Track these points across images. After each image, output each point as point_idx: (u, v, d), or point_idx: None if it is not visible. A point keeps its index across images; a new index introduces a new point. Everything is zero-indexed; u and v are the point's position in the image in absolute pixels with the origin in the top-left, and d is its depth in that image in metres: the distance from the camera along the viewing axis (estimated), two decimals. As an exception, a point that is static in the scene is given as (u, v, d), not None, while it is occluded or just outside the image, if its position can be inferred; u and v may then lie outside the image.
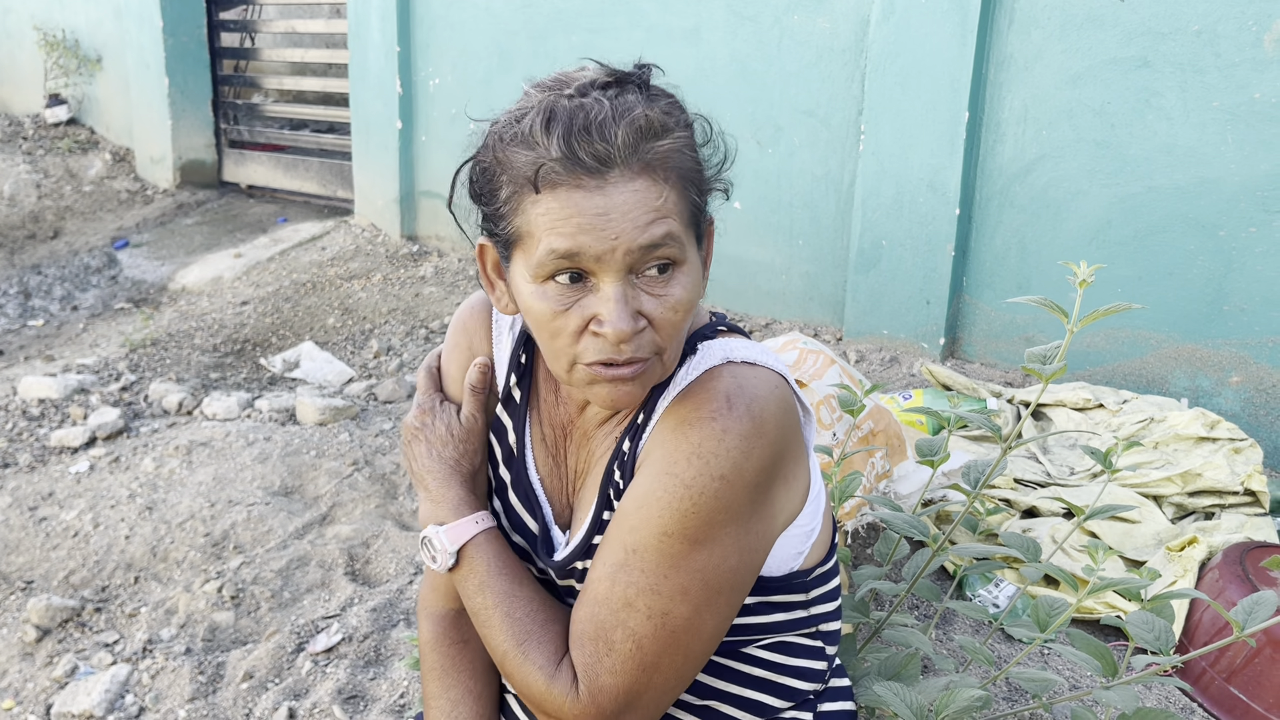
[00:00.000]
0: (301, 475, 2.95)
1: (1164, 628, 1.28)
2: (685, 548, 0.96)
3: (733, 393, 0.97)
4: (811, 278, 3.75)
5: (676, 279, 0.96)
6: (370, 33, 5.09)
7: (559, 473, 1.15)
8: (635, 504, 0.98)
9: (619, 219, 0.92)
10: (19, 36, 7.58)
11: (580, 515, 1.11)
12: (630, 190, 0.92)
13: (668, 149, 0.94)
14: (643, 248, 0.93)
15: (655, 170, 0.93)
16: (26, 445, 3.32)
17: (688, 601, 0.97)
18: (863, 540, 2.22)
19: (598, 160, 0.91)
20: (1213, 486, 2.40)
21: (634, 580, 0.97)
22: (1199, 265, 2.92)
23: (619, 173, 0.92)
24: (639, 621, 0.97)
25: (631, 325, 0.94)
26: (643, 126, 0.92)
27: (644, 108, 0.94)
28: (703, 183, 1.00)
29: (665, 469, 0.96)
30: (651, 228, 0.93)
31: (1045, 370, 1.29)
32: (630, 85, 0.96)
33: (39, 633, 2.47)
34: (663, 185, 0.94)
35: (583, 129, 0.91)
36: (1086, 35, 3.02)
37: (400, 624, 2.30)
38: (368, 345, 4.23)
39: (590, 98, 0.93)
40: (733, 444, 0.95)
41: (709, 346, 1.04)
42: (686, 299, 0.97)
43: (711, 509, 0.96)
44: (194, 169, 6.56)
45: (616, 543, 0.99)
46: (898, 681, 1.33)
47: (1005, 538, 1.49)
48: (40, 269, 5.68)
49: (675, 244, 0.95)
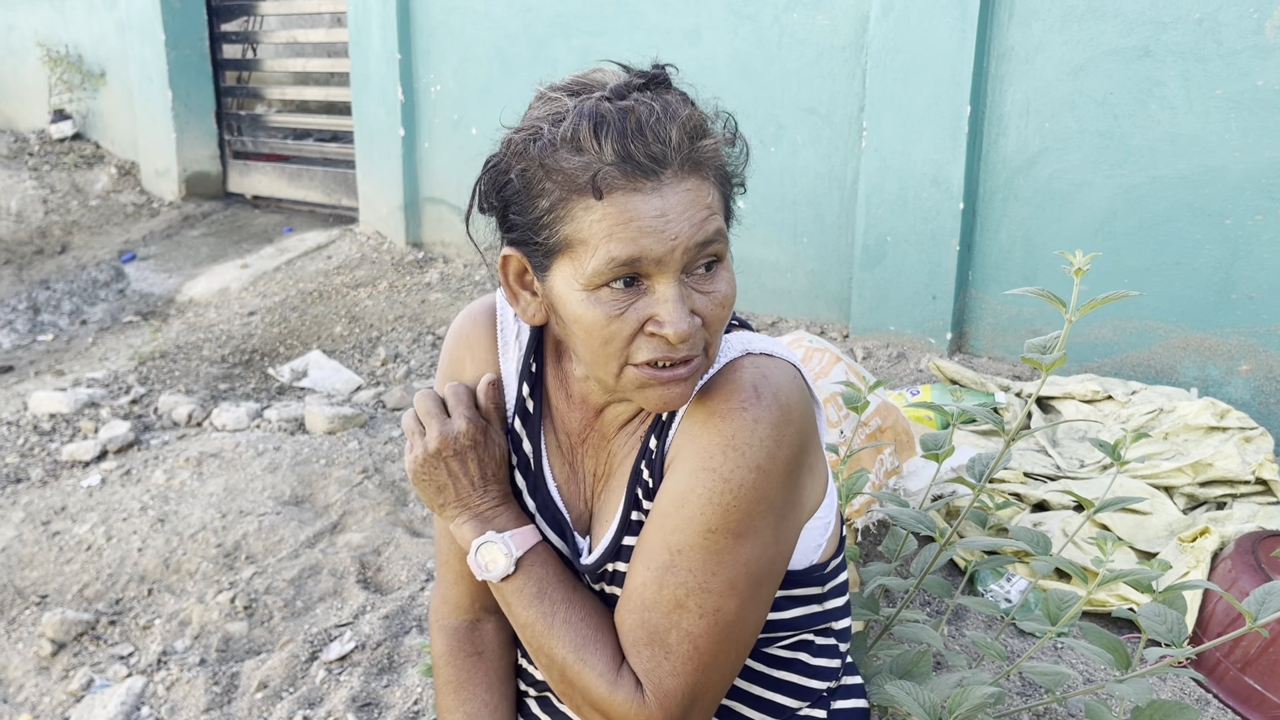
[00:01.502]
0: (312, 484, 2.95)
1: (1176, 619, 1.28)
2: (730, 542, 0.97)
3: (758, 382, 0.98)
4: (817, 275, 3.75)
5: (721, 275, 0.98)
6: (371, 41, 5.11)
7: (575, 478, 1.15)
8: (675, 503, 0.98)
9: (676, 219, 0.92)
10: (23, 53, 7.62)
11: (604, 517, 1.11)
12: (684, 190, 0.93)
13: (713, 147, 0.96)
14: (698, 245, 0.94)
15: (703, 168, 0.95)
16: (38, 460, 3.33)
17: (736, 595, 0.98)
18: (873, 537, 2.22)
19: (654, 161, 0.91)
20: (1224, 476, 2.39)
21: (683, 580, 0.97)
22: (1205, 254, 2.91)
23: (672, 173, 0.92)
24: (692, 621, 0.98)
25: (690, 324, 0.94)
26: (693, 126, 0.94)
27: (687, 107, 0.95)
28: (735, 177, 1.01)
29: (701, 464, 0.96)
30: (705, 225, 0.94)
31: (1045, 360, 1.29)
32: (663, 85, 0.97)
33: (54, 646, 2.48)
34: (709, 183, 0.95)
35: (637, 132, 0.91)
36: (1087, 26, 3.01)
37: (413, 630, 2.30)
38: (375, 353, 4.24)
39: (632, 100, 0.93)
40: (765, 433, 0.96)
41: (726, 340, 1.04)
42: (731, 294, 0.99)
43: (751, 500, 0.96)
44: (199, 181, 6.58)
45: (659, 545, 0.98)
46: (909, 679, 1.33)
47: (1015, 532, 1.49)
48: (49, 284, 5.71)
49: (722, 240, 0.97)
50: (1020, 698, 1.86)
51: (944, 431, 1.57)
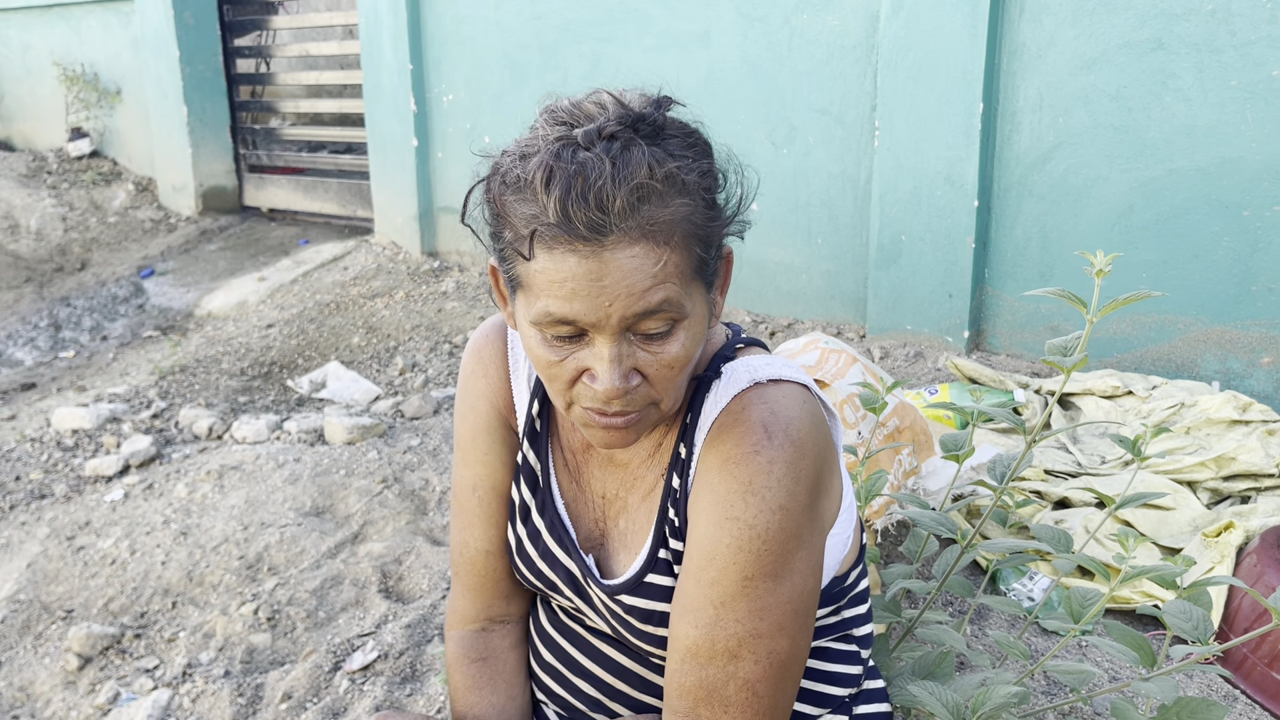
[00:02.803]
0: (332, 495, 2.97)
1: (1202, 616, 1.27)
2: (770, 585, 0.97)
3: (768, 421, 0.97)
4: (832, 276, 3.74)
5: (675, 336, 0.94)
6: (383, 53, 5.14)
7: (583, 496, 1.15)
8: (706, 557, 0.97)
9: (613, 286, 0.89)
10: (39, 73, 7.70)
11: (626, 546, 1.11)
12: (627, 256, 0.89)
13: (669, 214, 0.90)
14: (637, 314, 0.91)
15: (656, 235, 0.90)
16: (62, 476, 3.36)
17: (786, 634, 0.98)
18: (893, 538, 2.21)
19: (592, 229, 0.88)
20: (1247, 470, 2.37)
21: (733, 632, 0.97)
22: (1224, 246, 2.89)
23: (616, 238, 0.88)
24: (748, 669, 0.98)
25: (622, 384, 0.93)
26: (643, 193, 0.88)
27: (648, 168, 0.89)
28: (713, 234, 0.96)
29: (724, 514, 0.96)
30: (647, 295, 0.90)
31: (1066, 362, 1.28)
32: (642, 131, 0.91)
33: (80, 661, 2.50)
34: (663, 249, 0.90)
35: (580, 196, 0.87)
36: (1099, 20, 3.00)
37: (435, 639, 2.31)
38: (393, 363, 4.26)
39: (594, 153, 0.88)
40: (781, 473, 0.95)
41: (732, 368, 1.03)
42: (684, 354, 0.96)
43: (780, 541, 0.96)
44: (215, 195, 6.63)
45: (701, 601, 0.98)
46: (932, 680, 1.32)
47: (1036, 530, 1.48)
48: (69, 301, 5.76)
49: (672, 307, 0.92)
50: (1045, 697, 1.85)
51: (963, 432, 1.57)
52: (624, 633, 1.09)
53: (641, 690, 1.13)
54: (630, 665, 1.13)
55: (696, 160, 0.95)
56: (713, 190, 0.96)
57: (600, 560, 1.13)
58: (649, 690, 1.13)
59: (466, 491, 1.21)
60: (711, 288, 1.00)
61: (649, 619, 1.06)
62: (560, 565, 1.14)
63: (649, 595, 1.06)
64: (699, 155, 0.96)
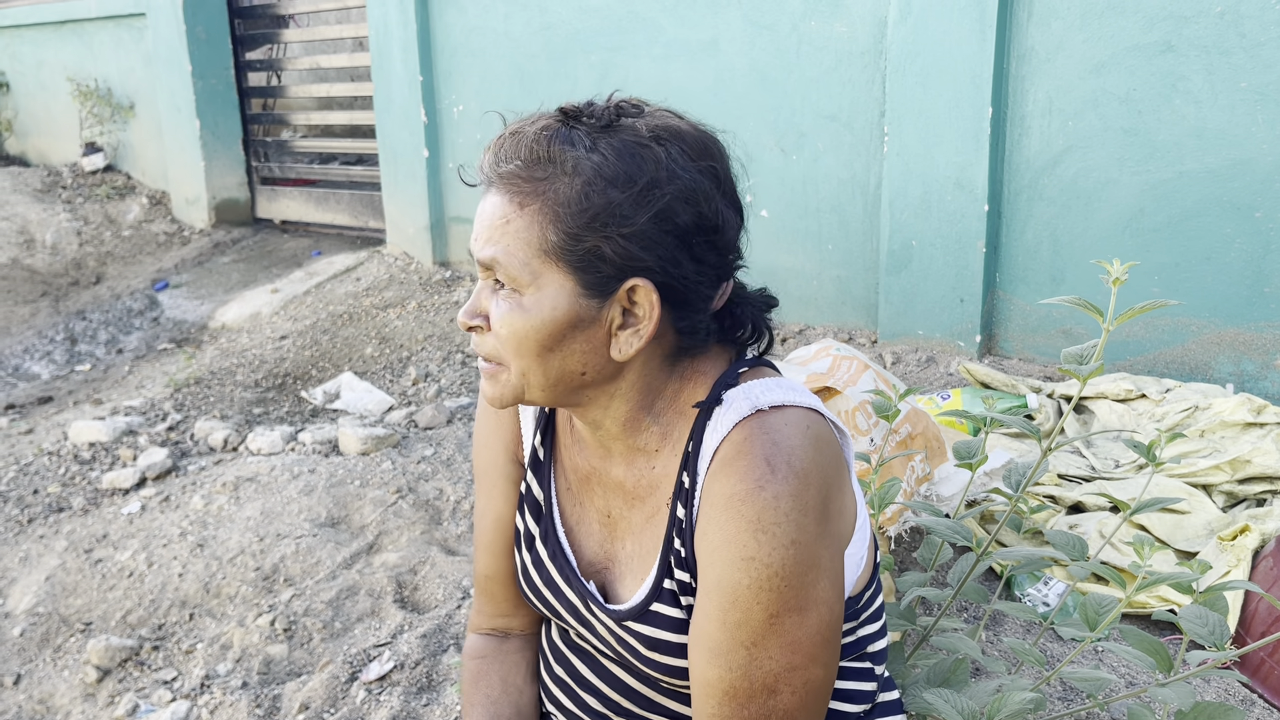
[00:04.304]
0: (347, 505, 2.98)
1: (1218, 621, 1.26)
2: (797, 618, 0.96)
3: (770, 455, 0.96)
4: (843, 282, 3.74)
5: (510, 301, 1.00)
6: (393, 64, 5.16)
7: (587, 519, 1.16)
8: (729, 600, 0.97)
9: (478, 225, 1.01)
10: (53, 88, 7.77)
11: (631, 570, 1.11)
12: (490, 204, 1.00)
13: (536, 183, 0.97)
14: (479, 260, 1.01)
15: (513, 194, 0.98)
16: (79, 489, 3.39)
17: (818, 663, 0.99)
18: (906, 545, 2.21)
19: (485, 175, 1.02)
20: (1263, 473, 2.36)
21: (769, 669, 0.97)
22: (1236, 248, 2.88)
23: (496, 187, 1.00)
24: (786, 700, 0.98)
25: (463, 318, 1.04)
26: (505, 152, 0.99)
27: (545, 140, 0.97)
28: (578, 223, 0.96)
29: (738, 554, 0.95)
30: (486, 246, 1.00)
31: (1083, 371, 1.28)
32: (578, 119, 0.99)
33: (99, 673, 2.51)
34: (513, 209, 0.98)
35: (493, 150, 1.02)
36: (1108, 23, 3.00)
37: (450, 649, 2.31)
38: (406, 373, 4.27)
39: (533, 119, 1.01)
40: (788, 506, 0.94)
41: (732, 396, 1.02)
42: (511, 324, 0.99)
43: (799, 573, 0.95)
44: (228, 208, 6.67)
45: (731, 644, 0.97)
46: (947, 687, 1.32)
47: (1051, 536, 1.48)
48: (85, 314, 5.80)
49: (500, 269, 0.99)
50: (1061, 703, 1.84)
51: (977, 439, 1.57)
52: (629, 658, 1.09)
53: (647, 709, 1.13)
54: (636, 685, 1.13)
55: (618, 161, 0.96)
56: (603, 193, 0.95)
57: (606, 585, 1.13)
58: (655, 709, 1.13)
59: (479, 515, 1.26)
60: (593, 291, 0.98)
61: (655, 647, 1.06)
62: (562, 594, 1.15)
63: (655, 624, 1.06)
64: (623, 159, 0.96)
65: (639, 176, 0.95)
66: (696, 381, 1.06)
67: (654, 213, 0.96)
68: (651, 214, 0.96)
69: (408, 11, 4.97)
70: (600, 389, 1.04)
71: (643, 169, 0.96)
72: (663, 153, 0.97)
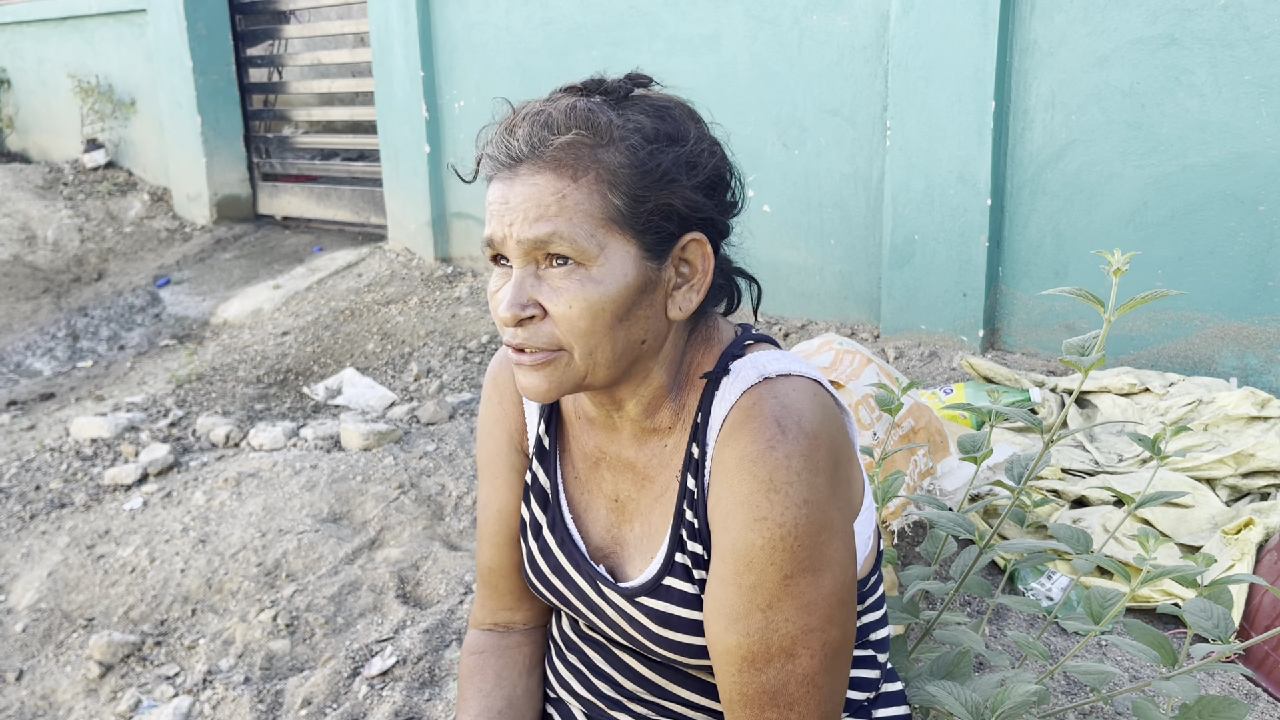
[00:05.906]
0: (349, 501, 2.98)
1: (1222, 615, 1.26)
2: (811, 579, 0.96)
3: (780, 416, 0.97)
4: (845, 276, 3.73)
5: (577, 277, 0.96)
6: (394, 60, 5.16)
7: (594, 505, 1.16)
8: (743, 562, 0.97)
9: (515, 207, 0.96)
10: (55, 85, 7.77)
11: (641, 551, 1.11)
12: (530, 184, 0.96)
13: (582, 154, 0.95)
14: (532, 240, 0.96)
15: (561, 169, 0.95)
16: (81, 485, 3.39)
17: (835, 624, 0.99)
18: (909, 539, 2.20)
19: (510, 156, 0.97)
20: (1267, 466, 2.35)
21: (786, 632, 0.97)
22: (1240, 242, 2.87)
23: (527, 167, 0.96)
24: (806, 663, 0.98)
25: (512, 311, 0.97)
26: (558, 130, 0.96)
27: (574, 112, 0.97)
28: (638, 187, 0.97)
29: (752, 515, 0.95)
30: (538, 224, 0.95)
31: (1084, 362, 1.28)
32: (598, 93, 1.00)
33: (102, 669, 2.51)
34: (565, 183, 0.95)
35: (511, 129, 0.98)
36: (1111, 16, 2.99)
37: (453, 644, 2.31)
38: (408, 368, 4.27)
39: (548, 100, 1.00)
40: (800, 465, 0.95)
41: (740, 365, 1.03)
42: (585, 299, 0.96)
43: (812, 534, 0.95)
44: (230, 204, 6.67)
45: (747, 608, 0.97)
46: (951, 680, 1.32)
47: (1054, 529, 1.47)
48: (87, 311, 5.80)
49: (564, 242, 0.95)
50: (1065, 697, 1.84)
51: (981, 433, 1.56)
52: (639, 638, 1.09)
53: (660, 696, 1.14)
54: (648, 673, 1.13)
55: (659, 122, 0.99)
56: (658, 153, 0.98)
57: (615, 568, 1.13)
58: (667, 696, 1.13)
59: (482, 507, 1.25)
60: (654, 253, 0.99)
61: (666, 623, 1.06)
62: (571, 580, 1.15)
63: (667, 599, 1.06)
64: (658, 120, 0.99)
65: (679, 135, 1.00)
66: (705, 350, 1.08)
67: (699, 167, 1.00)
68: (698, 169, 1.00)
69: (409, 7, 4.96)
70: (651, 359, 1.04)
71: (681, 128, 1.00)
72: (682, 113, 1.02)
